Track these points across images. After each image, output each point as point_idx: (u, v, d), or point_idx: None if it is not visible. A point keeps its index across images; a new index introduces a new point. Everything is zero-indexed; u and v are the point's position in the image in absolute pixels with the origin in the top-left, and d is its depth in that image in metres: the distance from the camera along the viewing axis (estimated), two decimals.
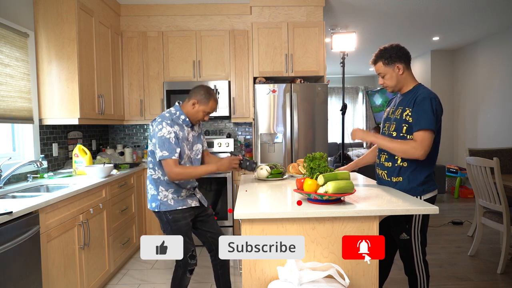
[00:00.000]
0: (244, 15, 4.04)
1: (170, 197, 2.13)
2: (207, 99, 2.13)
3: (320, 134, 3.68)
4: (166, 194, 2.13)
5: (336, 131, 8.66)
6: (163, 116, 2.10)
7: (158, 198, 2.12)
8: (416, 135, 1.86)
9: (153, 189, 2.15)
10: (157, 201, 2.12)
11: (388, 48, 1.97)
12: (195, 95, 2.14)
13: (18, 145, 2.85)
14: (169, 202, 2.13)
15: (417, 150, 1.83)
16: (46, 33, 2.92)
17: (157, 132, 2.04)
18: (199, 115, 2.15)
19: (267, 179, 2.38)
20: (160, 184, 2.13)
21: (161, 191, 2.13)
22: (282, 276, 1.46)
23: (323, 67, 3.83)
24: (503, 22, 4.94)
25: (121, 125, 4.44)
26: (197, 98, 2.13)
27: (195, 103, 2.13)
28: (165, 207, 2.12)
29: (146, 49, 4.03)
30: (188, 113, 2.15)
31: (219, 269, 2.34)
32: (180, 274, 2.17)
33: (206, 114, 2.17)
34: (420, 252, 1.94)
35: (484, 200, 3.22)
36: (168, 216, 2.13)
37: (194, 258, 2.19)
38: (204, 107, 2.14)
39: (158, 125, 2.05)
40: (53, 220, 2.08)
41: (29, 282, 1.83)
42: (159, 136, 2.02)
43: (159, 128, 2.04)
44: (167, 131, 2.03)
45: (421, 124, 1.84)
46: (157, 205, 2.12)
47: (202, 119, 2.19)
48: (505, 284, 2.82)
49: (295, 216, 1.52)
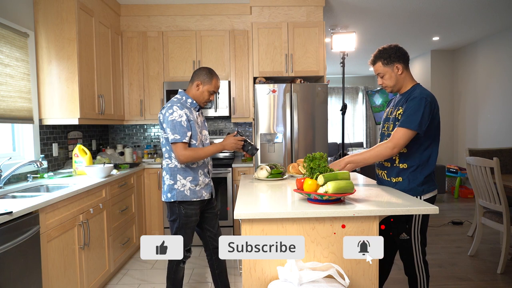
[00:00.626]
0: (244, 15, 4.04)
1: (188, 186, 2.15)
2: (209, 78, 2.19)
3: (320, 134, 3.68)
4: (184, 183, 2.15)
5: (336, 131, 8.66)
6: (171, 101, 2.13)
7: (175, 187, 2.14)
8: (394, 131, 1.90)
9: (169, 179, 2.16)
10: (173, 191, 2.14)
11: (387, 48, 1.98)
12: (197, 76, 2.19)
13: (18, 145, 2.85)
14: (185, 193, 2.15)
15: (388, 148, 1.88)
16: (46, 33, 2.92)
17: (167, 117, 2.06)
18: (204, 95, 2.20)
19: (267, 179, 2.38)
20: (177, 172, 2.15)
21: (179, 179, 2.15)
22: (282, 276, 1.46)
23: (323, 67, 3.83)
24: (503, 22, 4.94)
25: (121, 125, 4.44)
26: (200, 79, 2.18)
27: (199, 84, 2.18)
28: (182, 197, 2.14)
29: (146, 49, 4.03)
30: (194, 96, 2.20)
31: (215, 269, 2.37)
32: (174, 265, 2.22)
33: (211, 93, 2.23)
34: (420, 252, 1.94)
35: (484, 200, 3.22)
36: (182, 210, 2.15)
37: (189, 251, 2.26)
38: (208, 86, 2.19)
39: (168, 109, 2.07)
40: (53, 220, 2.08)
41: (29, 282, 1.83)
42: (171, 119, 2.05)
43: (169, 112, 2.06)
44: (178, 114, 2.06)
45: (403, 122, 1.87)
46: (173, 195, 2.13)
47: (208, 99, 2.24)
48: (505, 284, 2.82)
49: (295, 216, 1.52)
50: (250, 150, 2.26)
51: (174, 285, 2.24)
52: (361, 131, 9.16)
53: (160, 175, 3.80)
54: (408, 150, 1.94)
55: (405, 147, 1.94)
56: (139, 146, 4.44)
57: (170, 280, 2.23)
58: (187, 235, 2.19)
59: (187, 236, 2.19)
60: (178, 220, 2.17)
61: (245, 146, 2.25)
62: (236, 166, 3.82)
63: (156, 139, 4.47)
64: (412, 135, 1.87)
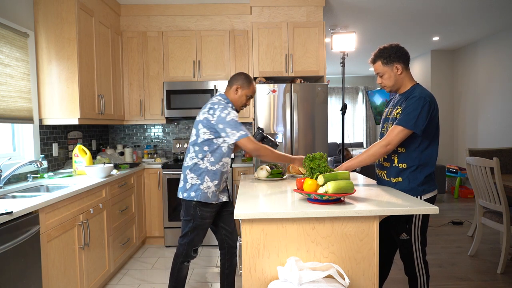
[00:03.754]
0: (244, 15, 4.04)
1: (212, 189, 2.17)
2: (248, 83, 2.24)
3: (320, 134, 3.68)
4: (210, 185, 2.16)
5: (336, 131, 8.67)
6: (220, 103, 2.14)
7: (201, 188, 2.15)
8: (390, 129, 1.91)
9: (195, 178, 2.16)
10: (198, 191, 2.15)
11: (388, 48, 1.98)
12: (236, 81, 2.23)
13: (18, 145, 2.85)
14: (208, 195, 2.16)
15: (382, 146, 1.90)
16: (46, 33, 2.92)
17: (224, 117, 2.07)
18: (242, 99, 2.25)
19: (267, 179, 2.38)
20: (206, 174, 2.16)
21: (206, 181, 2.16)
22: (282, 276, 1.46)
23: (323, 67, 3.83)
24: (503, 22, 4.94)
25: (121, 125, 4.44)
26: (239, 83, 2.22)
27: (238, 88, 2.22)
28: (205, 198, 2.15)
29: (146, 49, 4.03)
30: (233, 100, 2.24)
31: (226, 268, 2.38)
32: (179, 263, 2.23)
33: (249, 97, 2.27)
34: (420, 252, 1.94)
35: (484, 200, 3.22)
36: (198, 212, 2.16)
37: (196, 251, 2.28)
38: (247, 91, 2.24)
39: (223, 110, 2.09)
40: (53, 220, 2.08)
41: (29, 282, 1.83)
42: (229, 119, 2.07)
43: (225, 113, 2.08)
44: (234, 114, 2.11)
45: (400, 120, 1.88)
46: (197, 194, 2.14)
47: (245, 104, 2.28)
48: (505, 284, 2.82)
49: (295, 216, 1.52)
50: (271, 146, 2.31)
51: (177, 282, 2.25)
52: (361, 131, 9.16)
53: (161, 175, 3.80)
54: (407, 150, 1.94)
55: (404, 147, 1.94)
56: (139, 146, 4.44)
57: (174, 277, 2.25)
58: (198, 237, 2.22)
59: (198, 237, 2.22)
60: (192, 221, 2.18)
61: (266, 143, 2.30)
62: (236, 166, 3.82)
63: (156, 139, 4.48)
64: (408, 134, 1.87)
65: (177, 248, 2.25)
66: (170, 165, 3.79)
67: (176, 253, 2.25)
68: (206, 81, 3.98)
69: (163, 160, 4.14)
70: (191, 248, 2.22)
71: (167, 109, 3.97)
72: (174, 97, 3.96)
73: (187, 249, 2.21)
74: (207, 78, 4.03)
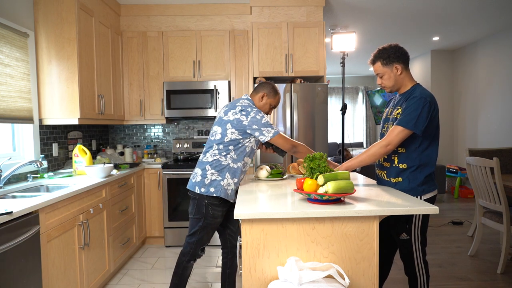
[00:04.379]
0: (244, 15, 4.04)
1: (232, 187, 2.18)
2: (274, 93, 2.27)
3: (320, 134, 3.68)
4: (230, 182, 2.17)
5: (336, 131, 8.67)
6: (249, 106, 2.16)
7: (221, 184, 2.15)
8: (390, 129, 1.91)
9: (216, 175, 2.15)
10: (219, 187, 2.14)
11: (387, 48, 1.98)
12: (263, 88, 2.26)
13: (18, 145, 2.85)
14: (227, 192, 2.16)
15: (382, 146, 1.90)
16: (46, 33, 2.92)
17: (254, 117, 2.11)
18: (266, 107, 2.28)
19: (267, 179, 2.38)
20: (228, 171, 2.16)
21: (227, 178, 2.16)
22: (282, 276, 1.46)
23: (323, 67, 3.83)
24: (503, 22, 4.94)
25: (121, 125, 4.44)
26: (266, 91, 2.26)
27: (264, 95, 2.25)
28: (224, 195, 2.15)
29: (146, 49, 4.03)
30: (257, 106, 2.26)
31: (228, 268, 2.37)
32: (185, 261, 2.22)
33: (272, 107, 2.30)
34: (420, 252, 1.94)
35: (484, 200, 3.22)
36: (209, 211, 2.15)
37: (203, 250, 2.27)
38: (272, 100, 2.27)
39: (258, 113, 2.13)
40: (53, 220, 2.08)
41: (29, 282, 1.83)
42: (259, 118, 2.11)
43: (260, 115, 2.12)
44: (262, 115, 2.14)
45: (400, 120, 1.88)
46: (217, 190, 2.14)
47: (267, 113, 2.31)
48: (505, 284, 2.82)
49: (295, 216, 1.52)
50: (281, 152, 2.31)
51: (180, 281, 2.23)
52: (361, 131, 9.16)
53: (161, 175, 3.80)
54: (407, 150, 1.94)
55: (405, 148, 1.94)
56: (139, 146, 4.44)
57: (177, 275, 2.23)
58: (207, 235, 2.22)
59: (207, 236, 2.22)
60: (203, 220, 2.16)
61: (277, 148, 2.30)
62: None
63: (156, 139, 4.48)
64: (408, 134, 1.87)
65: (184, 246, 2.23)
66: (170, 165, 3.79)
67: (182, 251, 2.23)
68: (206, 81, 3.98)
69: (163, 160, 4.14)
70: (199, 247, 2.21)
71: (167, 109, 3.97)
72: (174, 97, 3.96)
73: (195, 248, 2.20)
74: (207, 78, 4.03)
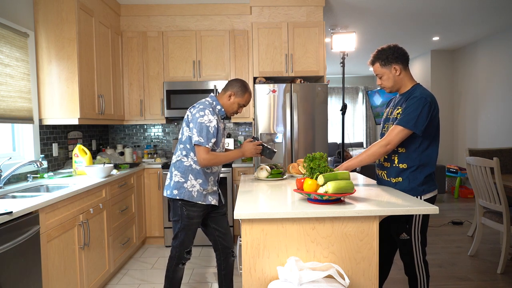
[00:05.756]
0: (244, 15, 4.04)
1: (197, 188, 2.15)
2: (243, 92, 2.21)
3: (320, 134, 3.68)
4: (194, 184, 2.15)
5: (336, 131, 8.67)
6: (204, 104, 2.14)
7: (185, 186, 2.14)
8: (390, 129, 1.91)
9: (179, 176, 2.15)
10: (182, 189, 2.13)
11: (386, 49, 1.98)
12: (231, 87, 2.21)
13: (18, 145, 2.85)
14: (193, 194, 2.15)
15: (382, 146, 1.90)
16: (46, 33, 2.92)
17: (197, 118, 2.07)
18: (234, 106, 2.22)
19: (267, 179, 2.38)
20: (190, 172, 2.15)
21: (190, 179, 2.14)
22: (282, 276, 1.46)
23: (323, 67, 3.83)
24: (503, 22, 4.94)
25: (121, 125, 4.44)
26: (234, 90, 2.20)
27: (231, 94, 2.20)
28: (188, 197, 2.13)
29: (146, 49, 4.03)
30: (224, 105, 2.22)
31: (222, 270, 2.36)
32: (173, 265, 2.22)
33: (241, 106, 2.25)
34: (420, 252, 1.94)
35: (484, 200, 3.22)
36: (184, 211, 2.15)
37: (189, 253, 2.25)
38: (240, 99, 2.21)
39: (199, 111, 2.09)
40: (53, 220, 2.08)
41: (29, 282, 1.83)
42: (200, 122, 2.06)
43: (200, 114, 2.08)
44: (208, 119, 2.08)
45: (400, 120, 1.88)
46: (180, 192, 2.13)
47: (236, 112, 2.26)
48: (505, 284, 2.82)
49: (295, 216, 1.52)
50: (268, 154, 2.27)
51: (171, 284, 2.23)
52: (361, 131, 9.16)
53: (161, 175, 3.80)
54: (407, 150, 1.94)
55: (405, 147, 1.94)
56: (139, 146, 4.44)
57: (168, 279, 2.23)
58: (188, 237, 2.20)
59: (188, 238, 2.20)
60: (180, 221, 2.17)
61: (264, 151, 2.26)
62: (236, 166, 3.82)
63: (156, 139, 4.48)
64: (408, 134, 1.87)
65: (170, 251, 2.24)
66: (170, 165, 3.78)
67: (170, 255, 2.24)
68: (206, 81, 3.98)
69: (163, 160, 4.14)
70: (183, 250, 2.20)
71: (167, 109, 3.98)
72: (174, 97, 3.96)
73: (179, 251, 2.19)
74: (207, 78, 4.03)
